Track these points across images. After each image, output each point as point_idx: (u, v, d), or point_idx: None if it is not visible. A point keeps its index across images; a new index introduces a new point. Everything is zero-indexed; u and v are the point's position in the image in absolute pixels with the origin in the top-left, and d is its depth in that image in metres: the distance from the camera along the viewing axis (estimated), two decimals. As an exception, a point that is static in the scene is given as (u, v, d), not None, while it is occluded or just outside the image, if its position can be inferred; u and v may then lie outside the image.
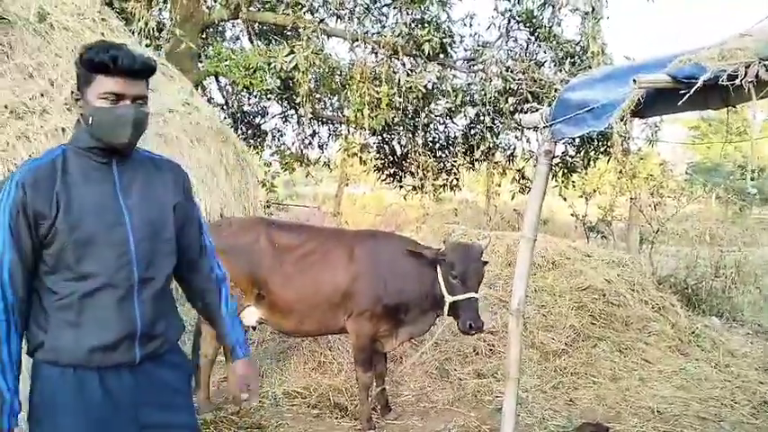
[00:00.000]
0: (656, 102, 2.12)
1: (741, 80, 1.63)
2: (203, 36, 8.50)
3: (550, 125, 2.92)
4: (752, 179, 5.65)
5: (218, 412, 4.31)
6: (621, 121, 2.06)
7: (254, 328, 4.78)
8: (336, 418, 4.44)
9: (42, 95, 3.85)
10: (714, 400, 4.92)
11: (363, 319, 4.13)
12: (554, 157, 3.10)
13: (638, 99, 1.99)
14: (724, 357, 5.89)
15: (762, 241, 10.92)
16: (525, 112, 7.26)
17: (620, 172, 8.57)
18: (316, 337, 5.10)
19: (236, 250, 4.17)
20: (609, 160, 8.74)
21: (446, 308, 4.02)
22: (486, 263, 4.22)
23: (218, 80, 9.12)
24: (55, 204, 1.83)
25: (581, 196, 10.02)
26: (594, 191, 10.46)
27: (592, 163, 8.75)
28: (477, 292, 3.99)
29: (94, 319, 1.85)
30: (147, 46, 5.50)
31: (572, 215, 10.15)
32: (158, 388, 1.99)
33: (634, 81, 1.94)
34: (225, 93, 9.58)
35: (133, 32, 5.72)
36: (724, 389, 5.15)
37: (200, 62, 8.05)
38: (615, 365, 5.50)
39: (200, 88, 7.19)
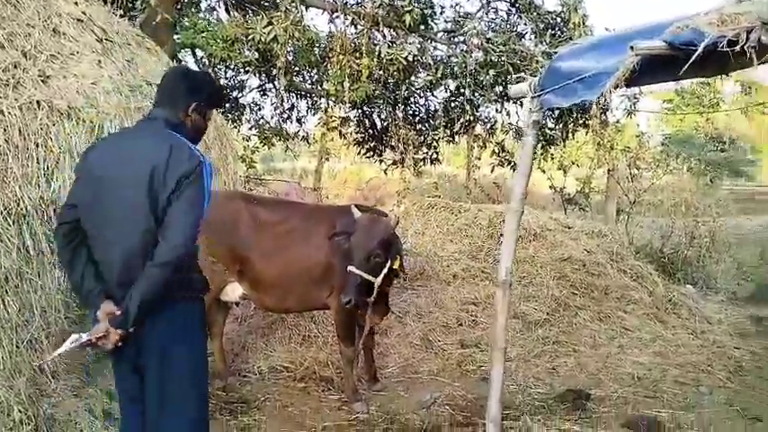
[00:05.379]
0: (649, 70, 2.11)
1: (743, 45, 1.62)
2: (178, 7, 8.24)
3: (539, 95, 2.91)
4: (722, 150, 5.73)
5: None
6: (616, 89, 2.04)
7: (237, 304, 4.74)
8: (323, 390, 4.48)
9: (15, 66, 3.72)
10: (691, 365, 5.07)
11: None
12: (542, 127, 3.09)
13: (633, 67, 1.97)
14: (700, 324, 6.05)
15: (733, 211, 11.14)
16: (505, 85, 7.22)
17: (599, 144, 8.61)
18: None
19: (217, 225, 4.10)
20: (587, 132, 8.76)
21: None
22: (386, 242, 3.90)
23: (194, 53, 8.84)
24: None
25: (559, 169, 10.07)
26: (573, 163, 10.52)
27: (570, 135, 8.75)
28: (357, 266, 3.80)
29: None
30: (120, 17, 5.28)
31: (550, 188, 10.21)
32: None
33: (631, 48, 1.92)
34: (202, 65, 9.32)
35: (106, 2, 5.51)
36: (700, 354, 5.31)
37: (176, 34, 7.82)
38: (595, 334, 5.62)
39: (175, 61, 6.98)
